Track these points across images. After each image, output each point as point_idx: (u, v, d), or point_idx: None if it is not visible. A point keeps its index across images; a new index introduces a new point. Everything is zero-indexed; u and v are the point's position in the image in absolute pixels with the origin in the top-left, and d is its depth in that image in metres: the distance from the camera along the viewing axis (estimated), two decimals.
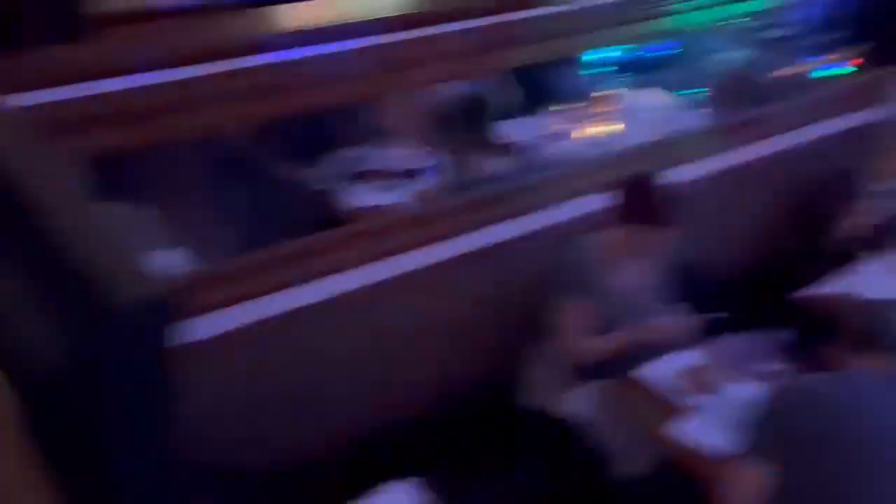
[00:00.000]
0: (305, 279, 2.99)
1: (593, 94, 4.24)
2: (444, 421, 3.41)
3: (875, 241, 3.64)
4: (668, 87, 4.34)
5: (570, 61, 4.42)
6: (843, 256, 3.61)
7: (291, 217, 3.37)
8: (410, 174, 3.86)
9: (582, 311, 2.96)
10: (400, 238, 3.17)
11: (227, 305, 2.86)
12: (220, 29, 2.87)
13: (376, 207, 3.65)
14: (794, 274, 3.67)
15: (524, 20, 3.10)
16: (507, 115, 4.10)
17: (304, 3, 3.06)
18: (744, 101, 4.21)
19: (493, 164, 3.72)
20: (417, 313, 3.30)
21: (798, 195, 4.10)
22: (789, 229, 4.10)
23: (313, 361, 3.13)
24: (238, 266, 2.89)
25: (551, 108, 4.21)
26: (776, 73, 4.53)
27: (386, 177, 3.85)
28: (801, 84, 4.48)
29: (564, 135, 4.08)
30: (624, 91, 4.26)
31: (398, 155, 3.97)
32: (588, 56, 4.43)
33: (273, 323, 2.93)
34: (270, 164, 3.62)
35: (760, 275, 3.96)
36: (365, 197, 3.76)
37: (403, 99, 3.93)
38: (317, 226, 3.14)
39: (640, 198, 2.90)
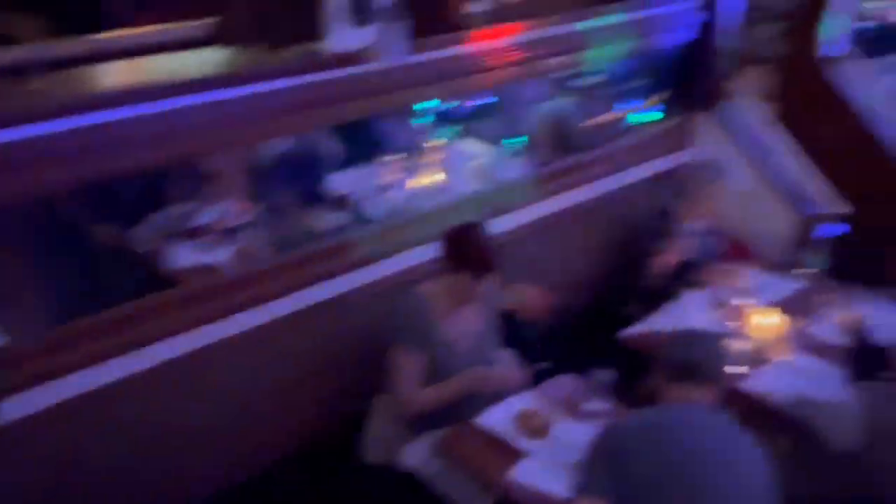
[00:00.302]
0: (131, 347, 2.86)
1: (421, 145, 4.31)
2: (287, 480, 3.35)
3: (686, 278, 3.87)
4: (489, 136, 4.47)
5: (398, 112, 4.47)
6: (664, 294, 3.81)
7: (114, 282, 3.21)
8: (238, 231, 3.77)
9: (415, 361, 2.98)
10: (229, 298, 3.10)
11: (46, 381, 2.69)
12: (32, 91, 2.74)
13: (203, 267, 3.54)
14: (618, 314, 3.85)
15: (349, 77, 3.13)
16: (338, 167, 4.10)
17: (123, 64, 2.97)
18: (562, 148, 4.40)
19: (323, 218, 3.70)
20: (252, 375, 3.22)
21: (618, 237, 4.30)
22: (612, 270, 4.29)
23: (143, 433, 2.98)
24: (57, 337, 2.74)
25: (380, 160, 4.24)
26: (592, 121, 4.77)
27: (213, 234, 3.74)
28: (615, 130, 4.74)
29: (394, 186, 4.12)
30: (449, 142, 4.35)
31: (225, 211, 3.87)
32: (416, 106, 4.50)
33: (97, 395, 2.79)
34: (90, 227, 3.45)
35: (587, 316, 4.13)
36: (191, 256, 3.63)
37: (230, 155, 3.85)
38: (142, 289, 3.02)
39: (466, 247, 2.97)
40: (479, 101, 4.49)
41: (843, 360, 3.17)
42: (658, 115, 4.75)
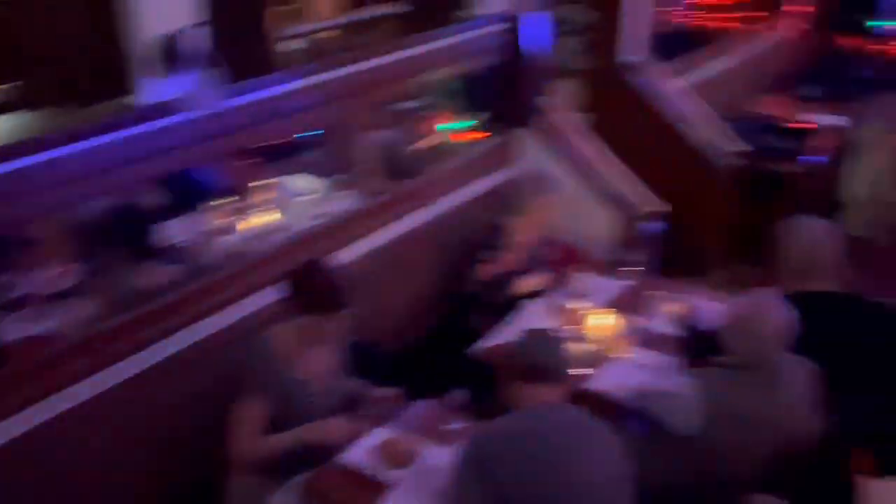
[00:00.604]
0: None
1: (249, 185, 4.24)
2: None
3: (515, 287, 4.02)
4: (319, 170, 4.46)
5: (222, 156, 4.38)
6: (503, 304, 3.93)
7: None
8: (65, 296, 3.59)
9: (256, 409, 2.93)
10: (65, 369, 2.94)
11: None
12: None
13: (32, 338, 3.34)
14: (462, 329, 3.93)
15: (164, 128, 3.04)
16: (165, 217, 3.96)
17: None
18: (393, 175, 4.45)
19: (157, 271, 3.58)
20: (101, 445, 3.06)
21: (456, 256, 4.40)
22: (453, 289, 4.37)
23: None
24: None
25: (210, 205, 4.14)
26: (419, 146, 4.86)
27: (37, 303, 3.54)
28: (443, 153, 4.85)
29: (227, 230, 4.03)
30: (277, 179, 4.31)
31: (50, 277, 3.67)
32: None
33: None
34: None
35: (436, 337, 4.19)
36: (17, 329, 3.42)
37: (50, 217, 3.66)
38: None
39: (310, 285, 2.94)
40: (304, 136, 4.46)
41: (677, 349, 3.38)
42: (482, 135, 4.90)
